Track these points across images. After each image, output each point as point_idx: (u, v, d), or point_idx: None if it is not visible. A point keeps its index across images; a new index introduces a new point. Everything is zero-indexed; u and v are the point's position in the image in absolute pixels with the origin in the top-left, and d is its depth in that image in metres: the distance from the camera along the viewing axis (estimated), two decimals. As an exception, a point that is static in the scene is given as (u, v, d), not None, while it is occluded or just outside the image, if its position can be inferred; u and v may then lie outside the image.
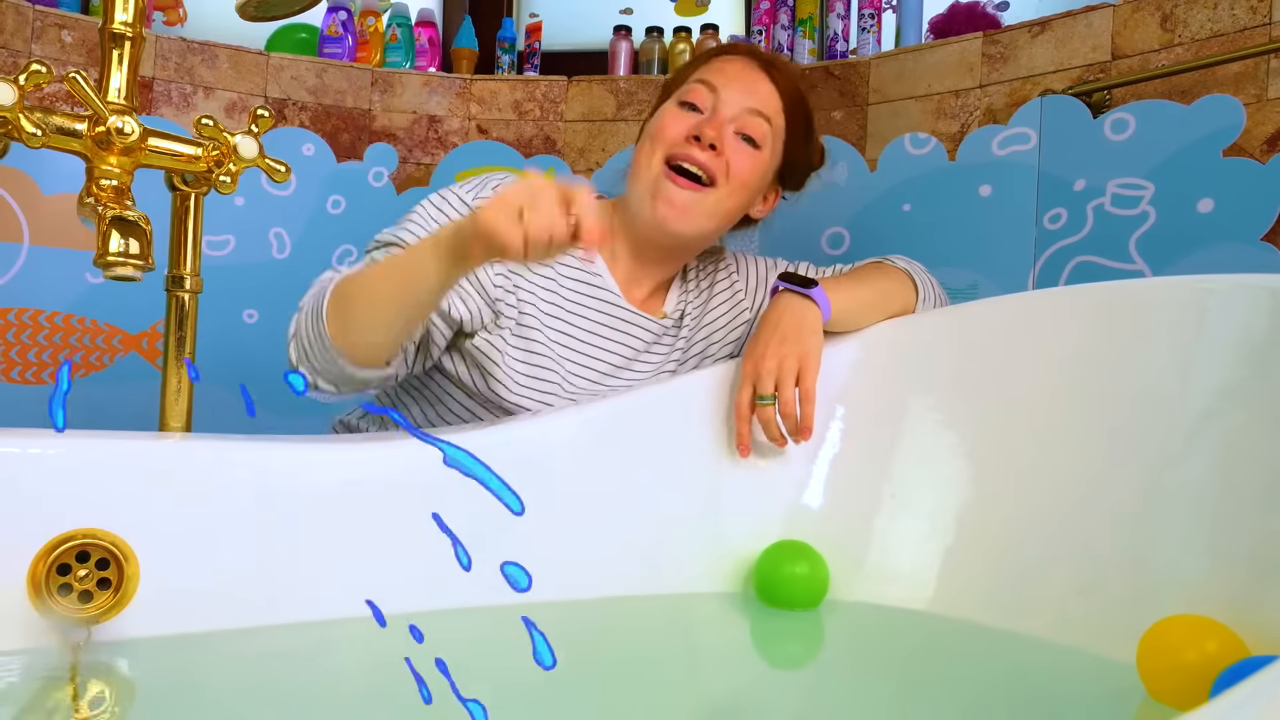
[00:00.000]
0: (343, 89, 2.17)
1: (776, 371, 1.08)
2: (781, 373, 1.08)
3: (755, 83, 1.20)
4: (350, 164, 2.13)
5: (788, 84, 1.22)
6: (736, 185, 1.17)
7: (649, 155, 1.17)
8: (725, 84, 1.18)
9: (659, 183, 1.15)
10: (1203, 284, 0.92)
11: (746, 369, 1.11)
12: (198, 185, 1.02)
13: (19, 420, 1.83)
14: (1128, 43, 1.64)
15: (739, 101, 1.18)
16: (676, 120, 1.17)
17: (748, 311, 1.32)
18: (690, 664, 0.89)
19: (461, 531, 0.95)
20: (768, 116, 1.19)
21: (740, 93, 1.18)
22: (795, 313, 1.12)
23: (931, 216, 1.82)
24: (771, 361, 1.08)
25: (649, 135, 1.19)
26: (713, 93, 1.18)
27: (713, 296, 1.31)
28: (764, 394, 1.08)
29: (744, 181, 1.18)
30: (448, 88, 2.25)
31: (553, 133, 2.24)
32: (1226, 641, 0.70)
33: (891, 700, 0.78)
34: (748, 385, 1.10)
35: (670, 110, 1.19)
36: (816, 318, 1.12)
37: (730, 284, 1.32)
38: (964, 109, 1.83)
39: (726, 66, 1.21)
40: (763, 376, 1.08)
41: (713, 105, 1.18)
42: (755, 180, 1.20)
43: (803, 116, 1.25)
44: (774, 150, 1.22)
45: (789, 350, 1.09)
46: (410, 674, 0.81)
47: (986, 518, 1.01)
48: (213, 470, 0.85)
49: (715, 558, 1.07)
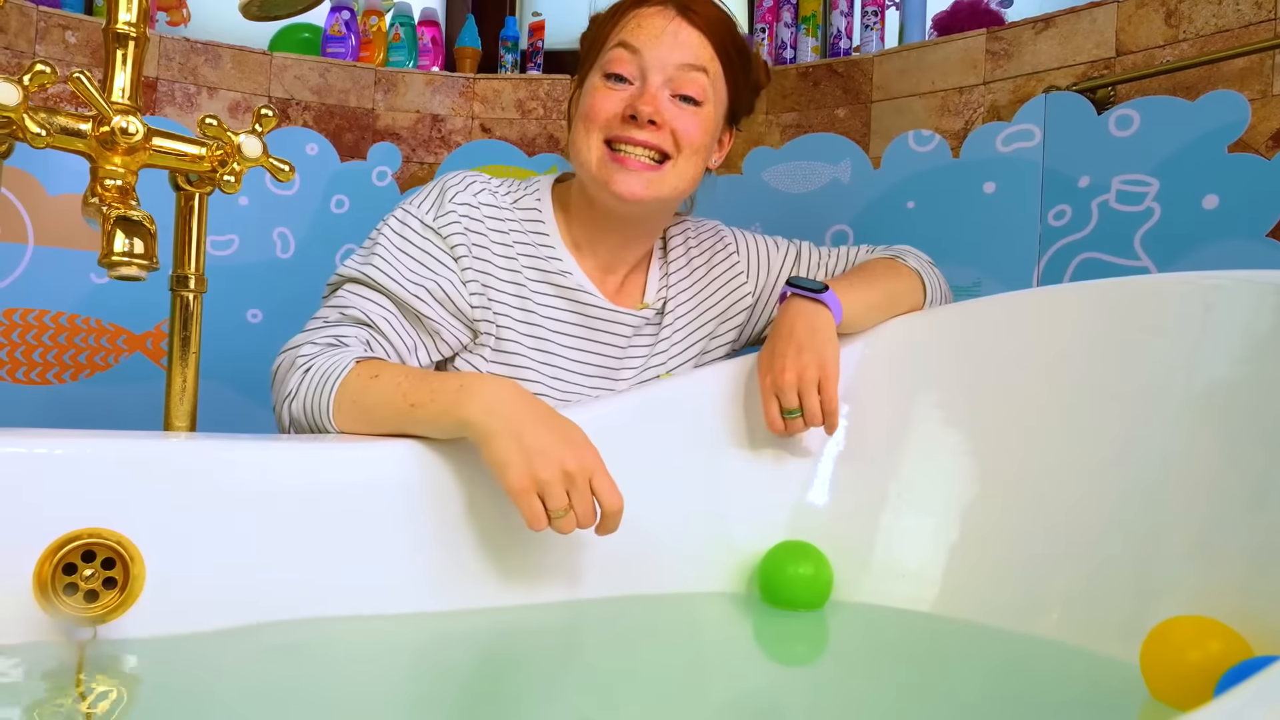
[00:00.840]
0: (346, 88, 2.17)
1: (797, 383, 1.07)
2: (803, 384, 1.07)
3: (679, 33, 1.11)
4: (354, 163, 2.13)
5: (713, 21, 1.13)
6: (690, 152, 1.11)
7: (585, 138, 1.12)
8: (647, 43, 1.10)
9: (606, 167, 1.10)
10: (1208, 280, 0.92)
11: (765, 384, 1.09)
12: (202, 185, 1.03)
13: (24, 420, 1.83)
14: (1132, 39, 1.64)
15: (667, 60, 1.10)
16: (606, 98, 1.11)
17: (750, 296, 1.29)
18: (694, 664, 0.89)
19: (467, 531, 0.96)
20: (702, 66, 1.11)
21: (666, 49, 1.10)
22: (808, 319, 1.10)
23: (935, 214, 1.81)
24: (791, 374, 1.07)
25: (582, 116, 1.13)
26: (636, 55, 1.10)
27: (711, 280, 1.28)
28: (790, 408, 1.07)
29: (695, 145, 1.12)
30: (451, 87, 2.25)
31: (556, 131, 2.24)
32: (1230, 642, 0.70)
33: (896, 700, 0.78)
34: (772, 400, 1.09)
35: (598, 87, 1.12)
36: (830, 323, 1.11)
37: (730, 265, 1.29)
38: (968, 106, 1.83)
39: (644, 21, 1.12)
40: (785, 390, 1.07)
41: (640, 71, 1.10)
42: (706, 138, 1.13)
43: (736, 49, 1.16)
44: (717, 99, 1.14)
45: (807, 360, 1.07)
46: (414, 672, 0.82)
47: (991, 517, 1.00)
48: (218, 470, 0.85)
49: (719, 558, 1.07)
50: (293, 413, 1.01)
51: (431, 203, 1.14)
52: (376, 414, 0.97)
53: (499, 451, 0.88)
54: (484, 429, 0.90)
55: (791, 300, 1.14)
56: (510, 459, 0.88)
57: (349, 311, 1.07)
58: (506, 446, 0.88)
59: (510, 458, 0.88)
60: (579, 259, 1.19)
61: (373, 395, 0.97)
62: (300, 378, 1.01)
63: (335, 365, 0.99)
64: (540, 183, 1.22)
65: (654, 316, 1.24)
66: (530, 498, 0.88)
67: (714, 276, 1.28)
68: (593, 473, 0.90)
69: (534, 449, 0.88)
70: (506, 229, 1.16)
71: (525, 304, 1.16)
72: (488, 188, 1.17)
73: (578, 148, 1.13)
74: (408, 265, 1.10)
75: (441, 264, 1.11)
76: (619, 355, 1.22)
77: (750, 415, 1.13)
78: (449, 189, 1.14)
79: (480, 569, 0.95)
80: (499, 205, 1.16)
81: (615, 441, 1.06)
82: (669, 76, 1.10)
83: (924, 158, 1.84)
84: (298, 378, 1.01)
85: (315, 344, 1.04)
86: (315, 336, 1.05)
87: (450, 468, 0.95)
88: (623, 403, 1.09)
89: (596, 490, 0.90)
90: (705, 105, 1.12)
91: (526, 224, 1.18)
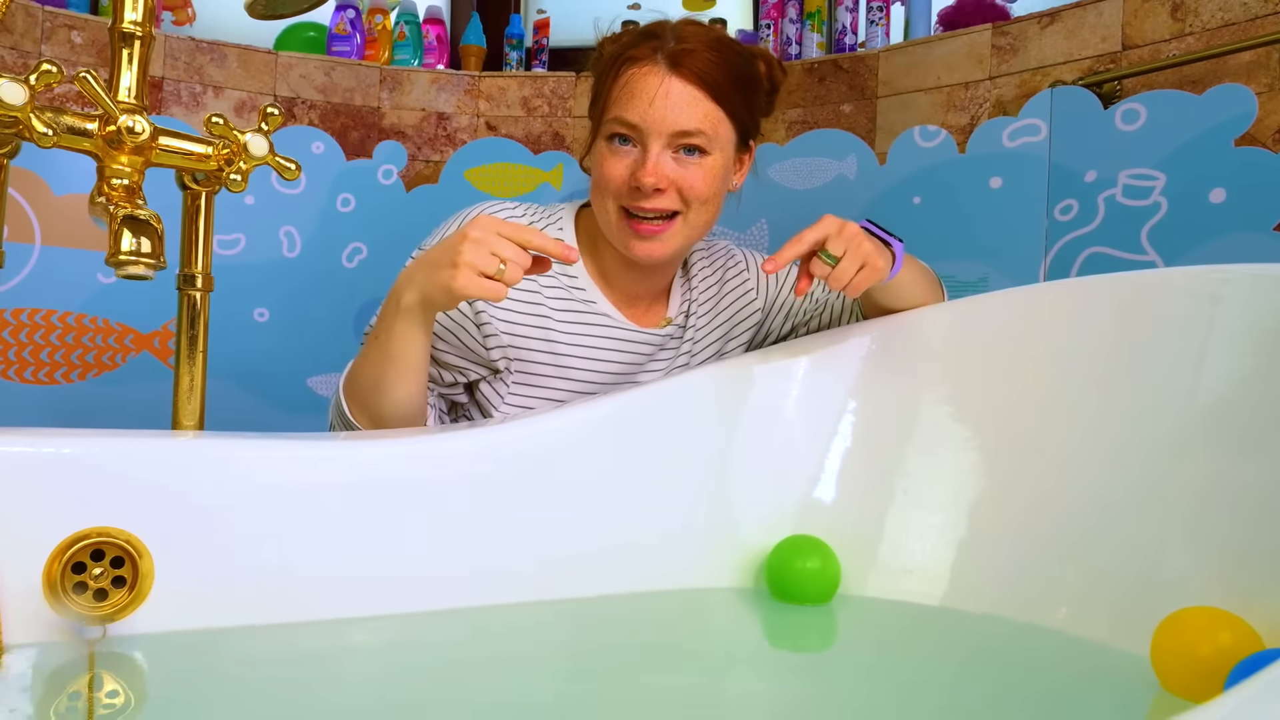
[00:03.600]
0: (351, 87, 2.17)
1: (850, 246, 1.03)
2: (852, 249, 1.03)
3: (670, 95, 1.09)
4: (359, 162, 2.13)
5: (704, 70, 1.10)
6: (699, 203, 1.12)
7: (603, 201, 1.14)
8: (642, 113, 1.09)
9: (625, 232, 1.13)
10: (1215, 274, 0.92)
11: (830, 221, 1.04)
12: (208, 184, 1.03)
13: (32, 420, 1.84)
14: (1138, 33, 1.64)
15: (663, 128, 1.09)
16: (613, 165, 1.12)
17: (759, 313, 1.32)
18: (702, 659, 0.89)
19: (472, 529, 0.96)
20: (698, 129, 1.10)
21: (660, 117, 1.09)
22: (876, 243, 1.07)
23: (942, 209, 1.81)
24: (857, 238, 1.03)
25: (597, 180, 1.15)
26: (634, 129, 1.10)
27: (724, 295, 1.31)
28: (832, 252, 1.03)
29: (704, 197, 1.12)
30: (456, 85, 2.25)
31: (561, 129, 2.24)
32: (1241, 634, 0.70)
33: (904, 694, 0.78)
34: (821, 231, 1.03)
35: (603, 152, 1.14)
36: (889, 257, 1.08)
37: (741, 281, 1.32)
38: (974, 101, 1.83)
39: (636, 87, 1.10)
40: (839, 238, 1.03)
41: (640, 137, 1.10)
42: (715, 186, 1.13)
43: (734, 86, 1.13)
44: (722, 142, 1.13)
45: (868, 249, 1.04)
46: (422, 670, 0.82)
47: (999, 511, 1.00)
48: (225, 468, 0.85)
49: (727, 553, 1.07)
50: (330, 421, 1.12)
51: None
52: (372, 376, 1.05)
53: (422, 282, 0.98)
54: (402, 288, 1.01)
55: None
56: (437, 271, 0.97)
57: None
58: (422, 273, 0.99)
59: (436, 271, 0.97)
60: (604, 288, 1.22)
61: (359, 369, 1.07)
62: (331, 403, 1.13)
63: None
64: (563, 212, 1.24)
65: (676, 331, 1.27)
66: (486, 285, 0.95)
67: (726, 292, 1.31)
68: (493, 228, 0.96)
69: (439, 257, 0.97)
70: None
71: (549, 334, 1.17)
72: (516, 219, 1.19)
73: (597, 208, 1.17)
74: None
75: (461, 313, 1.14)
76: (641, 366, 1.24)
77: (759, 411, 1.13)
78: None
79: (486, 566, 0.95)
80: None
81: (624, 438, 1.06)
82: (668, 143, 1.10)
83: (930, 153, 1.84)
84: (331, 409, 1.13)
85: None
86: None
87: (455, 465, 0.96)
88: (632, 399, 1.09)
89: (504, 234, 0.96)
90: (711, 153, 1.12)
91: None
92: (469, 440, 0.97)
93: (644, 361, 1.24)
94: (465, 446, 0.97)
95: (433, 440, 0.96)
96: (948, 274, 1.76)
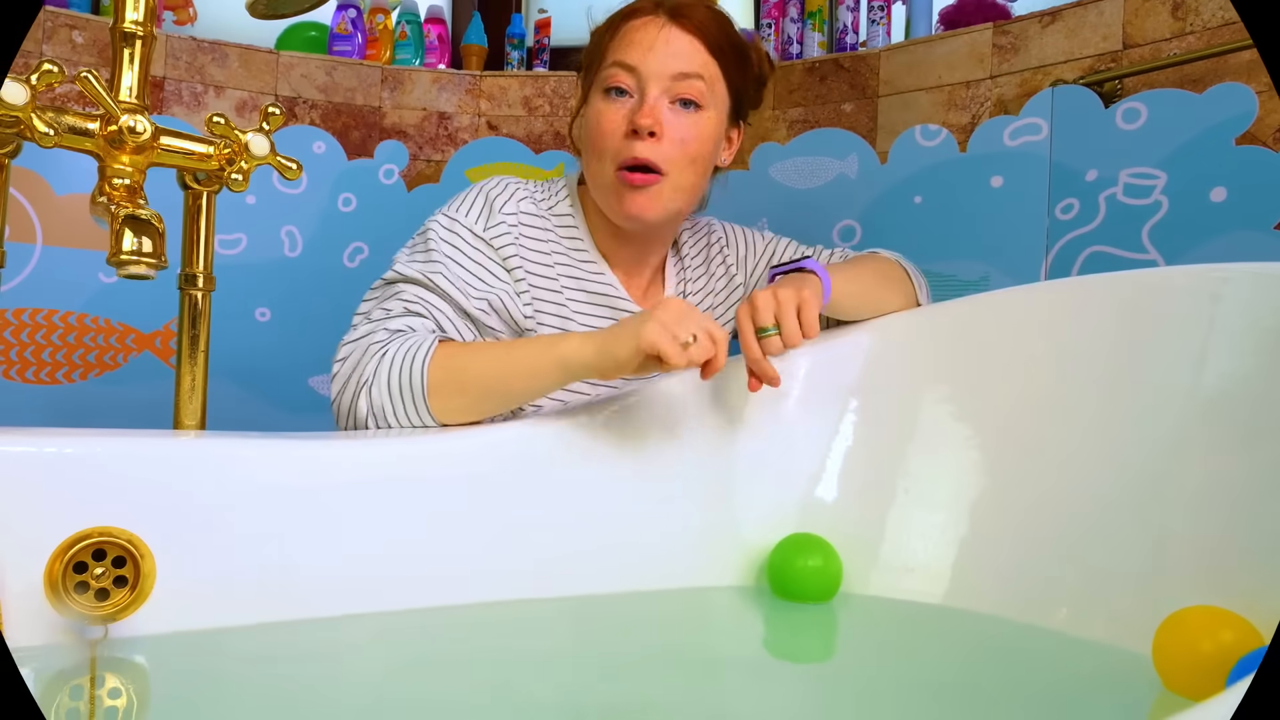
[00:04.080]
0: (353, 86, 2.17)
1: (774, 304, 1.02)
2: (780, 305, 1.02)
3: (671, 41, 1.11)
4: (361, 161, 2.13)
5: (704, 24, 1.13)
6: (688, 159, 1.12)
7: (597, 163, 1.14)
8: (642, 57, 1.11)
9: (617, 187, 1.12)
10: (1215, 273, 0.91)
11: (741, 310, 1.05)
12: (210, 183, 1.03)
13: (34, 420, 1.84)
14: (1139, 32, 1.64)
15: (663, 71, 1.10)
16: (609, 117, 1.12)
17: (741, 289, 1.32)
18: (704, 658, 0.89)
19: (475, 527, 0.96)
20: (697, 73, 1.11)
21: (660, 60, 1.10)
22: (793, 281, 1.07)
23: (943, 208, 1.81)
24: (766, 295, 1.03)
25: (590, 140, 1.15)
26: (632, 71, 1.11)
27: (711, 273, 1.31)
28: (762, 325, 1.02)
29: (695, 152, 1.12)
30: (457, 84, 2.25)
31: (562, 128, 2.24)
32: (1242, 631, 0.70)
33: (906, 693, 0.78)
34: (746, 322, 1.03)
35: (598, 107, 1.14)
36: (816, 286, 1.07)
37: (723, 259, 1.32)
38: (975, 100, 1.83)
39: (636, 36, 1.12)
40: (759, 309, 1.02)
41: (638, 85, 1.11)
42: (705, 145, 1.14)
43: (732, 48, 1.16)
44: (717, 99, 1.15)
45: (786, 295, 1.03)
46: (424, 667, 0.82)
47: (1001, 510, 1.00)
48: (227, 468, 0.85)
49: (728, 551, 1.07)
50: (373, 398, 1.01)
51: (479, 212, 1.14)
52: (474, 371, 1.00)
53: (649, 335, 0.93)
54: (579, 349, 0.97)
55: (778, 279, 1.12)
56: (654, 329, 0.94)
57: (413, 307, 1.08)
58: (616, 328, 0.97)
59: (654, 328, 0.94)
60: (611, 263, 1.22)
61: (467, 356, 1.01)
62: (378, 362, 1.01)
63: (418, 344, 1.01)
64: (566, 185, 1.23)
65: None
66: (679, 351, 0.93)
67: (712, 269, 1.31)
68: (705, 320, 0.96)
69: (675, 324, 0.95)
70: (545, 237, 1.18)
71: (562, 310, 1.18)
72: (530, 196, 1.19)
73: (592, 173, 1.15)
74: (465, 277, 1.11)
75: (497, 277, 1.13)
76: None
77: (759, 409, 1.13)
78: (495, 198, 1.15)
79: (488, 565, 0.95)
80: (539, 214, 1.19)
81: (624, 436, 1.06)
82: (667, 88, 1.11)
83: (931, 152, 1.84)
84: (374, 363, 1.01)
85: (388, 330, 1.05)
86: (384, 326, 1.06)
87: (456, 464, 0.96)
88: (632, 396, 1.09)
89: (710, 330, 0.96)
90: (706, 109, 1.13)
91: (561, 230, 1.20)
92: (470, 439, 0.98)
93: None
94: (466, 445, 0.97)
95: (434, 439, 0.97)
96: (949, 273, 1.76)
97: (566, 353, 0.98)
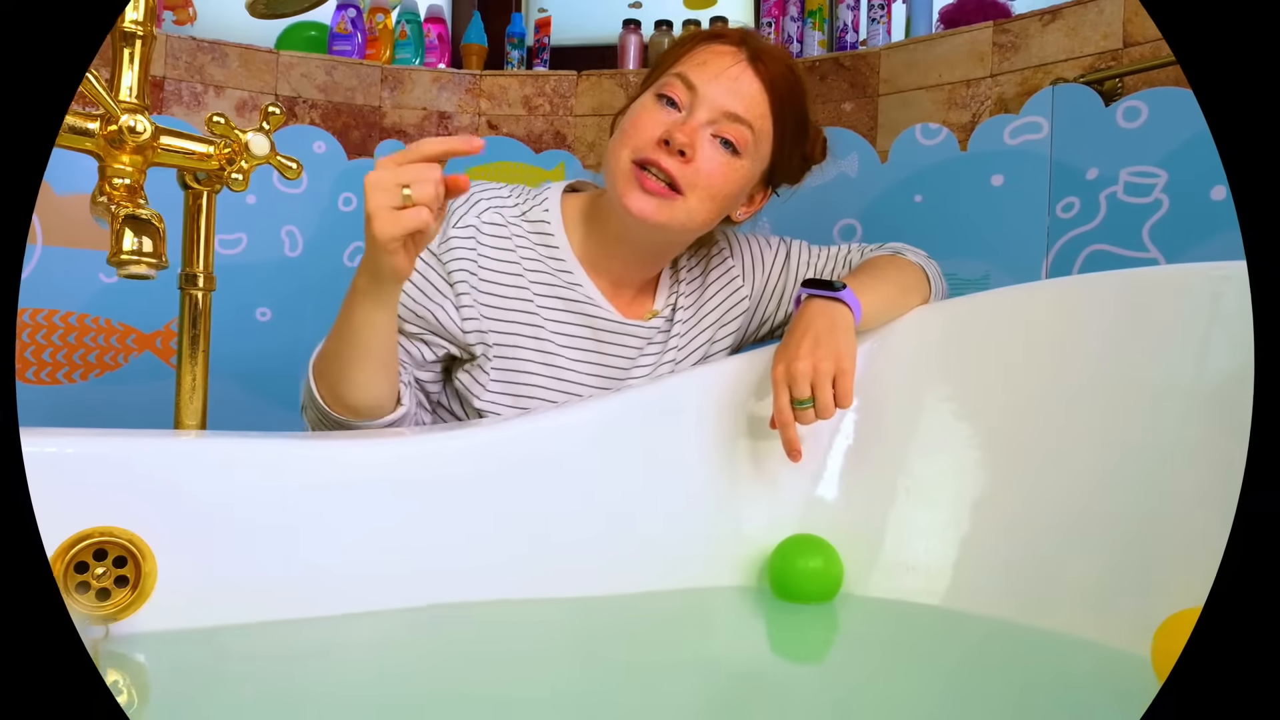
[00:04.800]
0: (353, 86, 2.17)
1: (811, 374, 1.02)
2: (818, 375, 1.02)
3: (739, 79, 1.10)
4: (361, 161, 2.13)
5: (778, 79, 1.12)
6: (706, 195, 1.10)
7: (619, 151, 1.11)
8: (706, 81, 1.09)
9: (627, 181, 1.09)
10: (1216, 271, 0.91)
11: (778, 372, 1.04)
12: (210, 183, 1.03)
13: (35, 420, 1.84)
14: (1139, 30, 1.64)
15: (719, 103, 1.09)
16: (650, 118, 1.10)
17: (747, 300, 1.29)
18: (704, 659, 0.89)
19: (475, 527, 0.96)
20: (750, 122, 1.10)
21: (721, 93, 1.09)
22: (827, 316, 1.07)
23: (943, 207, 1.81)
24: (805, 363, 1.02)
25: (622, 129, 1.13)
26: (691, 91, 1.09)
27: (708, 285, 1.28)
28: (800, 398, 1.02)
29: (715, 191, 1.10)
30: (457, 84, 2.25)
31: (563, 128, 2.24)
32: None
33: (906, 693, 0.78)
34: (783, 389, 1.03)
35: (646, 105, 1.11)
36: (849, 321, 1.07)
37: (725, 269, 1.29)
38: (975, 99, 1.83)
39: (710, 59, 1.11)
40: (798, 380, 1.02)
41: (690, 104, 1.09)
42: (730, 189, 1.12)
43: (794, 115, 1.15)
44: (758, 156, 1.14)
45: (823, 353, 1.02)
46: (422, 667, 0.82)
47: (1001, 510, 1.00)
48: (228, 467, 0.85)
49: (729, 552, 1.07)
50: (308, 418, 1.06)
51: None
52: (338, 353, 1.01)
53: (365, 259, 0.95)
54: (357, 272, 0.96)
55: (809, 300, 1.10)
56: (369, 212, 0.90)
57: None
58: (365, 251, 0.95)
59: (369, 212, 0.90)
60: (590, 272, 1.19)
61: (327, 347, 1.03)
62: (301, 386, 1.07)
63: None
64: (550, 192, 1.21)
65: (664, 324, 1.24)
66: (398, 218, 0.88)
67: (711, 281, 1.28)
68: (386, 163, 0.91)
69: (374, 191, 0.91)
70: (513, 245, 1.17)
71: (533, 319, 1.16)
72: (493, 205, 1.17)
73: (609, 156, 1.13)
74: (408, 293, 1.12)
75: (439, 291, 1.12)
76: (627, 367, 1.22)
77: (760, 410, 1.13)
78: (454, 212, 1.15)
79: (489, 564, 0.95)
80: (505, 222, 1.17)
81: (625, 437, 1.06)
82: (715, 119, 1.09)
83: (931, 151, 1.84)
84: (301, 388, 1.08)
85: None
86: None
87: (459, 464, 0.96)
88: (634, 398, 1.09)
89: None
90: (743, 158, 1.11)
91: (534, 237, 1.18)
92: (472, 438, 0.97)
93: (634, 355, 1.22)
94: (469, 445, 0.97)
95: (436, 438, 0.96)
96: (949, 272, 1.76)
97: (353, 284, 0.98)
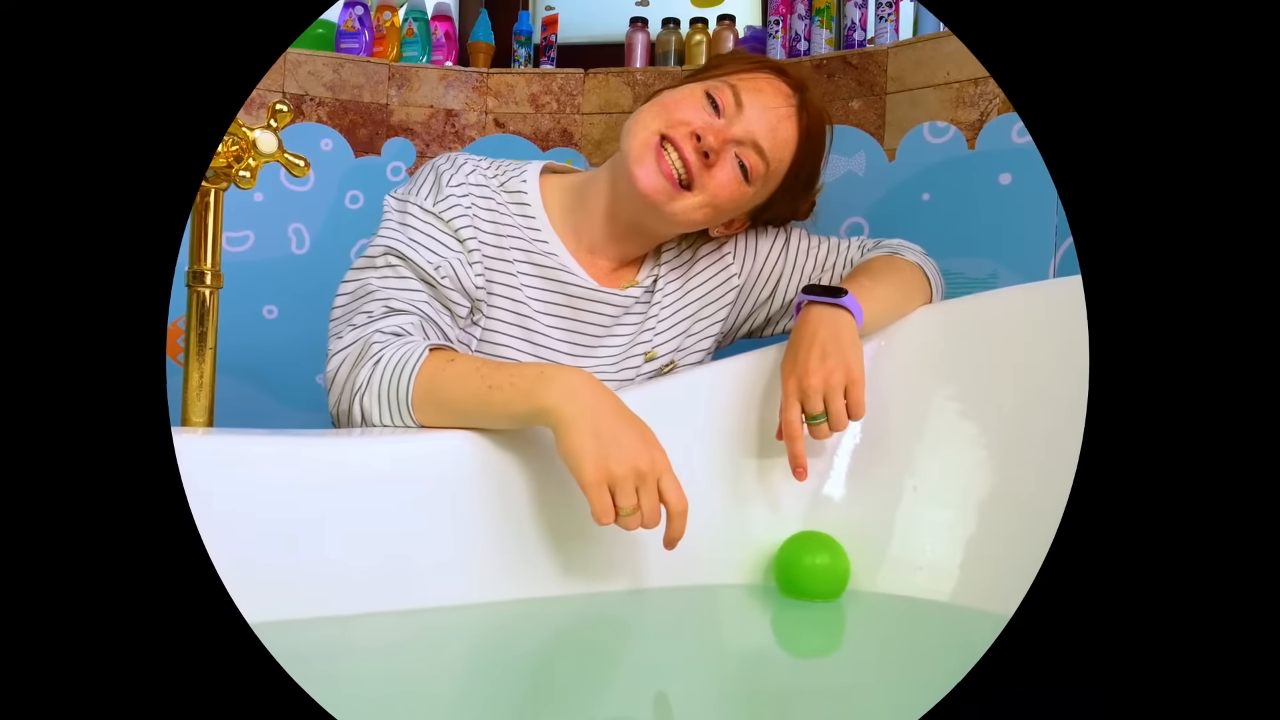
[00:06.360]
0: (360, 84, 2.17)
1: (823, 388, 1.03)
2: (829, 389, 1.03)
3: (782, 122, 1.15)
4: (368, 159, 2.13)
5: (808, 131, 1.18)
6: (709, 201, 1.12)
7: (650, 119, 1.13)
8: (754, 106, 1.13)
9: (645, 149, 1.11)
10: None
11: (789, 387, 1.05)
12: (217, 181, 1.03)
13: (43, 417, 1.84)
14: (1148, 28, 1.63)
15: (754, 131, 1.12)
16: (693, 107, 1.12)
17: (736, 278, 1.29)
18: (712, 656, 0.89)
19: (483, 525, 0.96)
20: (771, 161, 1.14)
21: (762, 124, 1.13)
22: (831, 325, 1.07)
23: (951, 205, 1.81)
24: (817, 379, 1.03)
25: (660, 101, 1.15)
26: (738, 107, 1.12)
27: (696, 261, 1.28)
28: (814, 413, 1.04)
29: (718, 203, 1.13)
30: (464, 82, 2.25)
31: (570, 126, 2.24)
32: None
33: (913, 690, 0.78)
34: (794, 404, 1.05)
35: (694, 92, 1.14)
36: (853, 328, 1.08)
37: (717, 249, 1.29)
38: (983, 97, 1.82)
39: (767, 88, 1.15)
40: (810, 395, 1.03)
41: (731, 117, 1.12)
42: (729, 206, 1.15)
43: (809, 171, 1.21)
44: (761, 190, 1.18)
45: (833, 365, 1.04)
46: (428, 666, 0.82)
47: (1008, 508, 1.00)
48: (235, 465, 0.85)
49: (735, 549, 1.07)
50: (364, 406, 1.00)
51: (429, 189, 1.14)
52: (453, 398, 0.97)
53: (575, 441, 0.89)
54: (562, 415, 0.90)
55: (811, 307, 1.11)
56: (586, 450, 0.88)
57: (393, 303, 1.06)
58: (583, 437, 0.89)
59: (586, 448, 0.89)
60: (566, 241, 1.20)
61: (449, 378, 0.97)
62: (371, 370, 0.99)
63: (409, 354, 0.99)
64: (529, 168, 1.23)
65: (643, 295, 1.24)
66: (602, 490, 0.88)
67: (699, 258, 1.28)
68: (662, 473, 0.91)
69: (610, 442, 0.89)
70: (496, 209, 1.18)
71: (510, 281, 1.17)
72: (478, 167, 1.19)
73: (635, 122, 1.14)
74: (424, 253, 1.10)
75: (449, 248, 1.12)
76: (600, 335, 1.22)
77: (766, 408, 1.13)
78: (443, 172, 1.15)
79: (496, 561, 0.95)
80: (488, 185, 1.18)
81: (631, 434, 1.06)
82: (745, 141, 1.12)
83: (939, 149, 1.83)
84: (368, 370, 1.00)
85: (382, 333, 1.03)
86: (377, 328, 1.04)
87: (464, 461, 0.96)
88: (640, 394, 1.09)
89: (664, 491, 0.91)
90: (751, 186, 1.15)
91: (513, 205, 1.19)
92: (477, 436, 0.97)
93: (609, 324, 1.22)
94: (474, 442, 0.97)
95: (442, 437, 0.96)
96: (956, 270, 1.76)
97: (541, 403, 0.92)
